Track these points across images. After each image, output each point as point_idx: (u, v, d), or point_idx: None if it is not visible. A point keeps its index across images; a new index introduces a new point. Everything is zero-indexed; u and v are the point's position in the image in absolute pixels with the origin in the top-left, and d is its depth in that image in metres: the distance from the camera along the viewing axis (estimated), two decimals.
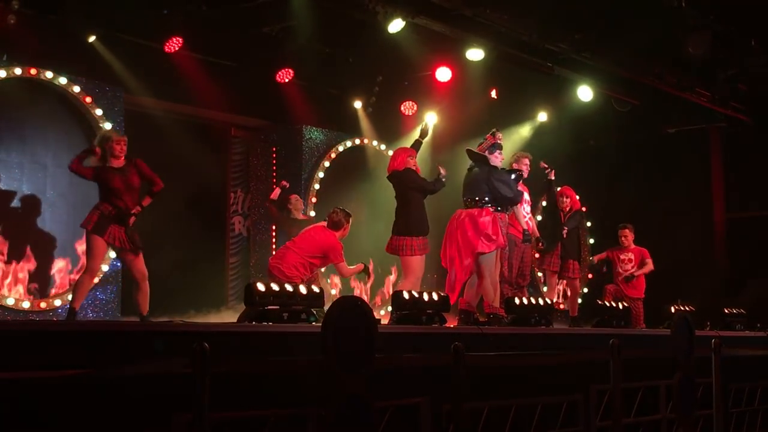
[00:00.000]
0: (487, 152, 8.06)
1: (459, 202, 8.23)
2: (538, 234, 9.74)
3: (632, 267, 10.87)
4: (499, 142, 8.06)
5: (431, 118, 11.52)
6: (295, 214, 10.22)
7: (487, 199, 7.94)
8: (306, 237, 8.61)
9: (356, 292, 11.78)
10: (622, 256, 10.98)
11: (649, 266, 10.83)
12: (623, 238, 11.02)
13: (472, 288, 7.97)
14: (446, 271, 8.14)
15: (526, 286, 9.25)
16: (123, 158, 7.59)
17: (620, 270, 10.92)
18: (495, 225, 7.88)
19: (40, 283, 9.35)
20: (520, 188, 8.80)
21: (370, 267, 8.65)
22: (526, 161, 9.18)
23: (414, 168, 8.40)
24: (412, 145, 8.65)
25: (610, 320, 8.40)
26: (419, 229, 8.22)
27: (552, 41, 10.66)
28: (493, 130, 8.15)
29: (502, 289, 8.71)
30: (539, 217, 12.64)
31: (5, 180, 9.30)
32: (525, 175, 9.05)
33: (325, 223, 8.73)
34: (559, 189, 10.34)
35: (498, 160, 8.07)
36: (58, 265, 9.52)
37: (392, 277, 12.34)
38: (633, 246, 11.02)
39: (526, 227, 8.76)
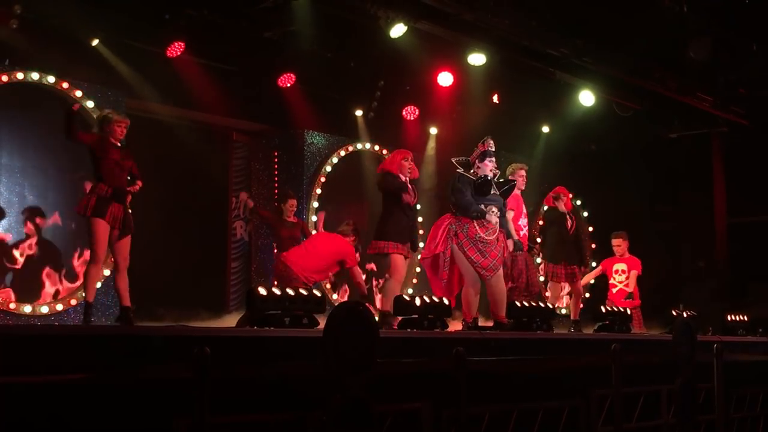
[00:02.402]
0: (477, 160, 7.99)
1: None
2: (525, 246, 9.59)
3: (626, 278, 10.76)
4: (489, 150, 7.96)
5: None
6: (286, 216, 10.24)
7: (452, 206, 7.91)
8: (323, 243, 8.69)
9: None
10: (615, 267, 10.87)
11: (632, 281, 10.69)
12: (616, 247, 10.88)
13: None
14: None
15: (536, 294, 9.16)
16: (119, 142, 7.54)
17: (614, 281, 10.83)
18: (442, 231, 7.77)
19: (41, 287, 9.36)
20: (515, 199, 8.72)
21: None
22: (522, 173, 9.13)
23: (396, 171, 8.32)
24: None
25: (611, 325, 8.39)
26: (395, 236, 8.15)
27: (554, 46, 10.67)
28: (485, 138, 8.08)
29: (510, 296, 8.61)
30: (541, 222, 12.62)
31: (7, 184, 9.31)
32: (522, 186, 9.01)
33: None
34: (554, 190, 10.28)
35: (488, 168, 7.92)
36: (60, 269, 9.53)
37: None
38: (627, 255, 10.87)
39: (517, 237, 8.65)
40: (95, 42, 9.53)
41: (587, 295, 12.82)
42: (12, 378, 3.82)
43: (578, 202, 10.47)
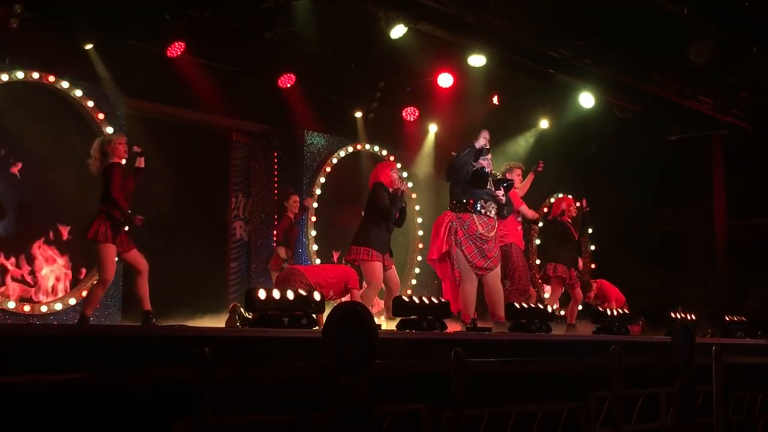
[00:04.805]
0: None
1: None
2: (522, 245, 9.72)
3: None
4: (485, 147, 7.98)
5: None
6: (291, 212, 10.30)
7: (453, 201, 7.89)
8: (333, 266, 8.90)
9: None
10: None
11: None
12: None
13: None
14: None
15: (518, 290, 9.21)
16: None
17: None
18: (446, 230, 7.77)
19: (40, 287, 9.36)
20: (510, 197, 8.78)
21: None
22: (519, 171, 9.18)
23: (388, 184, 8.49)
24: None
25: (610, 327, 8.39)
26: (376, 245, 8.31)
27: (554, 48, 10.67)
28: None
29: (508, 297, 8.65)
30: (540, 224, 12.65)
31: (6, 184, 9.31)
32: (517, 185, 9.07)
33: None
34: (561, 196, 10.37)
35: (484, 165, 7.95)
36: (59, 269, 9.53)
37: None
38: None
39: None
40: (89, 47, 9.52)
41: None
42: (10, 378, 3.81)
43: (577, 204, 10.46)
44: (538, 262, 13.12)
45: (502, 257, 8.65)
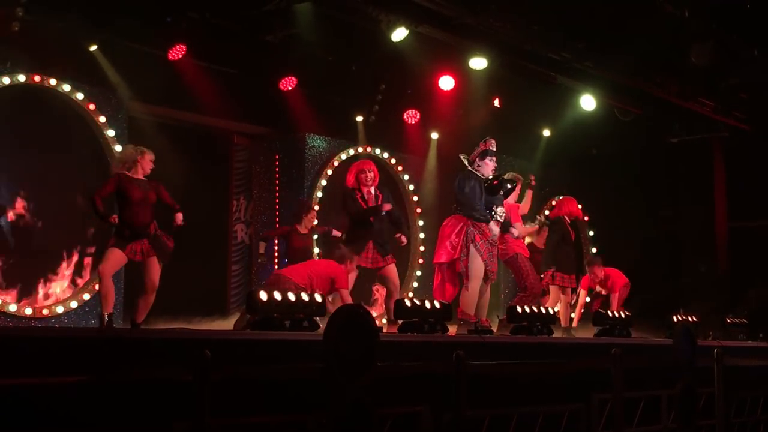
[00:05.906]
0: (477, 159, 8.01)
1: None
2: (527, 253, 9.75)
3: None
4: (490, 149, 7.98)
5: None
6: (305, 226, 10.15)
7: (457, 206, 7.91)
8: (319, 263, 8.96)
9: None
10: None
11: (614, 301, 10.94)
12: (592, 275, 11.07)
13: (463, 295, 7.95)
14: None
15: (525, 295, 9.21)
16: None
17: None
18: (459, 234, 7.79)
19: (41, 290, 9.36)
20: (512, 208, 8.87)
21: None
22: (518, 185, 9.23)
23: (355, 187, 8.78)
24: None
25: (612, 329, 8.38)
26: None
27: (555, 50, 10.68)
28: (486, 137, 8.12)
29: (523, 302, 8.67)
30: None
31: (8, 186, 9.31)
32: (514, 198, 9.14)
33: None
34: (561, 198, 10.39)
35: (489, 167, 7.97)
36: (60, 272, 9.53)
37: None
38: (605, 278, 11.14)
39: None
40: (93, 48, 9.54)
41: (588, 299, 12.83)
42: (11, 380, 3.82)
43: (579, 206, 10.47)
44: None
45: (512, 268, 8.78)
